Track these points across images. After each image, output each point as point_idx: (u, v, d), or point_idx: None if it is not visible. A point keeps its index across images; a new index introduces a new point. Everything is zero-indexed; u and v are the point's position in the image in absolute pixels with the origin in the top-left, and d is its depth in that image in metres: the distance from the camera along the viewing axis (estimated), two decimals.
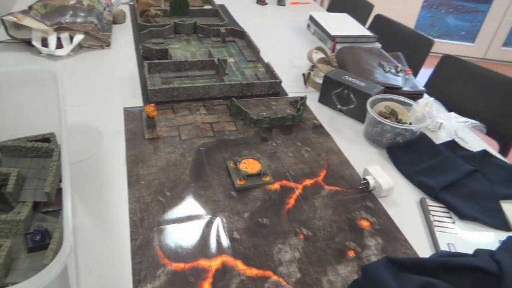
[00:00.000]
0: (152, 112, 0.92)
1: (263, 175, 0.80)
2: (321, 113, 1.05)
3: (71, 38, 1.19)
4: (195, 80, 1.12)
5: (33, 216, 0.58)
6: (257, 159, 0.83)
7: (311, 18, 1.60)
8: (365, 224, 0.73)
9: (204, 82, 1.10)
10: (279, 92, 1.12)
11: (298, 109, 1.02)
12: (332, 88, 1.05)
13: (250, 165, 0.81)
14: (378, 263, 0.57)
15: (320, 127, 0.99)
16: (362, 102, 0.98)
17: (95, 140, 0.85)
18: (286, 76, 1.22)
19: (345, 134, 0.98)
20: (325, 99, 1.08)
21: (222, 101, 1.04)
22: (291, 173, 0.83)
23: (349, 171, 0.86)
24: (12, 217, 0.53)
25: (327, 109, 1.08)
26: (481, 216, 0.76)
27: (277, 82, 1.10)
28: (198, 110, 0.99)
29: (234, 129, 0.94)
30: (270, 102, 1.07)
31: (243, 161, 0.82)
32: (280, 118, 0.97)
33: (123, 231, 0.66)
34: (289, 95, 1.12)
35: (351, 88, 1.01)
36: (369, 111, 0.91)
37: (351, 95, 1.02)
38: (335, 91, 1.05)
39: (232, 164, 0.82)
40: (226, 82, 1.05)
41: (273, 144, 0.91)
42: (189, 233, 0.67)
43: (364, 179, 0.80)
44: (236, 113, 1.00)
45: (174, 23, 1.39)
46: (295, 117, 0.98)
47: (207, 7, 1.63)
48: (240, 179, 0.78)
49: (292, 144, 0.91)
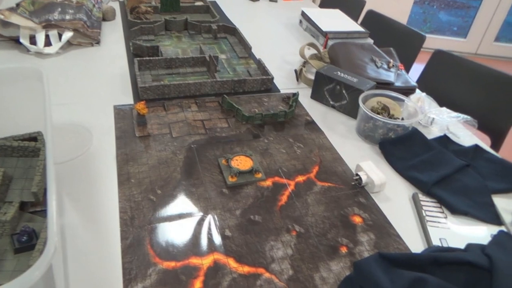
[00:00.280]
0: (143, 110, 0.91)
1: (255, 172, 0.79)
2: (314, 109, 1.05)
3: (60, 36, 1.17)
4: (187, 77, 1.11)
5: (20, 217, 0.57)
6: (249, 156, 0.82)
7: (303, 14, 1.59)
8: (358, 220, 0.73)
9: (196, 79, 1.09)
10: (271, 89, 1.11)
11: (290, 106, 1.01)
12: (324, 84, 1.05)
13: (242, 162, 0.81)
14: (370, 259, 0.57)
15: (313, 123, 0.99)
16: (354, 98, 0.98)
17: (85, 139, 0.84)
18: (278, 73, 1.21)
19: (338, 130, 0.98)
20: (317, 95, 1.08)
21: (214, 98, 1.03)
22: (283, 170, 0.82)
23: (342, 167, 0.85)
24: None
25: (320, 105, 1.07)
26: (473, 211, 0.76)
27: (269, 79, 1.10)
28: (190, 107, 0.98)
29: (226, 126, 0.93)
30: (262, 99, 1.06)
31: (235, 158, 0.82)
32: (272, 115, 0.97)
33: (113, 230, 0.65)
34: (281, 92, 1.11)
35: (343, 84, 1.01)
36: (361, 107, 0.91)
37: (343, 91, 1.01)
38: (327, 87, 1.04)
39: (224, 161, 0.81)
40: (218, 79, 1.05)
41: (265, 141, 0.90)
42: (181, 231, 0.66)
43: (357, 175, 0.80)
44: (228, 110, 0.99)
45: (165, 20, 1.37)
46: (287, 114, 0.98)
47: (198, 4, 1.62)
48: (232, 176, 0.77)
49: (284, 141, 0.91)
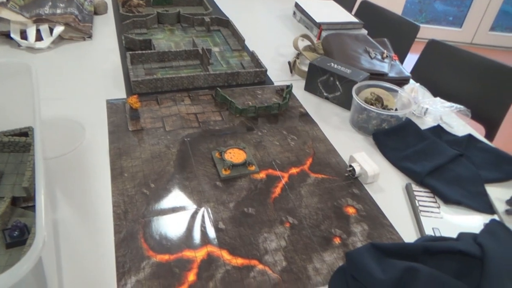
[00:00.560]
0: (135, 104, 0.90)
1: (249, 165, 0.79)
2: (307, 101, 1.05)
3: (51, 30, 1.16)
4: (179, 71, 1.10)
5: (12, 212, 0.57)
6: (242, 149, 0.82)
7: (297, 6, 1.58)
8: (351, 211, 0.73)
9: (189, 72, 1.09)
10: (265, 81, 1.11)
11: (284, 98, 1.01)
12: (318, 76, 1.04)
13: (236, 155, 0.81)
14: (362, 249, 0.57)
15: (306, 115, 0.99)
16: (348, 89, 0.98)
17: (78, 134, 0.84)
18: (272, 65, 1.21)
19: (332, 122, 0.98)
20: (311, 87, 1.08)
21: (207, 91, 1.03)
22: (277, 162, 0.82)
23: (335, 159, 0.85)
24: None
25: (313, 97, 1.07)
26: (466, 200, 0.77)
27: (263, 71, 1.09)
28: (183, 101, 0.98)
29: (220, 119, 0.93)
30: (256, 91, 1.06)
31: (228, 151, 0.81)
32: (266, 107, 0.96)
33: (107, 224, 0.65)
34: (275, 84, 1.11)
35: (337, 75, 1.00)
36: (355, 98, 0.91)
37: (337, 82, 1.01)
38: (321, 79, 1.04)
39: (217, 154, 0.81)
40: (211, 72, 1.04)
41: (259, 133, 0.90)
42: (174, 225, 0.66)
43: (350, 166, 0.80)
44: (222, 103, 0.99)
45: (157, 13, 1.36)
46: (281, 106, 0.97)
47: None
48: (225, 169, 0.77)
49: (278, 133, 0.91)
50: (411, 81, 1.12)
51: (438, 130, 0.96)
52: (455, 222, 0.73)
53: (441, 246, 0.56)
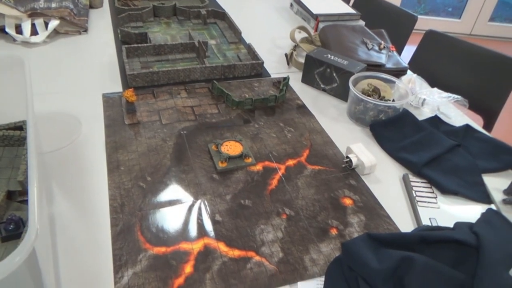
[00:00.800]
0: (131, 97, 0.90)
1: (245, 157, 0.79)
2: (304, 93, 1.04)
3: (46, 24, 1.15)
4: (176, 64, 1.10)
5: (8, 206, 0.57)
6: (239, 141, 0.82)
7: None
8: (348, 202, 0.73)
9: (185, 65, 1.08)
10: (262, 73, 1.10)
11: (281, 90, 1.00)
12: (315, 67, 1.04)
13: (232, 147, 0.80)
14: (358, 239, 0.57)
15: (303, 107, 0.98)
16: (345, 81, 0.98)
17: (74, 128, 0.84)
18: (269, 57, 1.20)
19: (329, 113, 0.97)
20: (308, 79, 1.07)
21: (204, 84, 1.03)
22: (274, 154, 0.82)
23: (332, 150, 0.85)
24: None
25: (310, 89, 1.07)
26: (463, 190, 0.77)
27: (259, 63, 1.09)
28: (179, 94, 0.98)
29: (216, 112, 0.93)
30: (253, 84, 1.05)
31: (225, 144, 0.81)
32: (263, 99, 0.96)
33: (104, 218, 0.65)
34: (272, 76, 1.10)
35: (333, 67, 1.00)
36: (352, 89, 0.90)
37: (334, 74, 1.01)
38: (318, 70, 1.04)
39: (214, 147, 0.81)
40: (207, 65, 1.04)
41: (256, 126, 0.90)
42: (171, 217, 0.66)
43: (347, 157, 0.80)
44: (218, 96, 0.98)
45: (153, 6, 1.35)
46: (278, 98, 0.97)
47: None
48: (222, 162, 0.77)
49: (275, 125, 0.91)
50: (409, 72, 1.12)
51: (436, 121, 0.96)
52: (452, 212, 0.73)
53: (437, 236, 0.56)
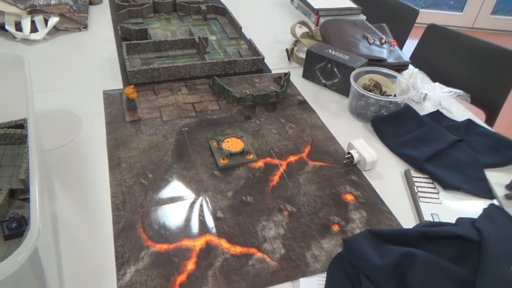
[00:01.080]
0: (132, 94, 0.90)
1: (247, 153, 0.79)
2: (306, 89, 1.04)
3: (46, 21, 1.15)
4: (176, 60, 1.09)
5: (10, 204, 0.57)
6: (240, 138, 0.82)
7: None
8: (350, 198, 0.73)
9: (185, 62, 1.08)
10: (262, 69, 1.10)
11: (282, 86, 1.00)
12: (316, 63, 1.03)
13: (233, 144, 0.80)
14: (360, 236, 0.57)
15: (305, 103, 0.98)
16: (346, 76, 0.97)
17: (75, 125, 0.84)
18: (270, 52, 1.20)
19: (330, 109, 0.97)
20: (309, 74, 1.07)
21: (204, 80, 1.02)
22: (275, 150, 0.82)
23: (334, 146, 0.85)
24: None
25: (312, 84, 1.06)
26: (465, 185, 0.77)
27: (260, 59, 1.08)
28: (180, 90, 0.97)
29: (217, 108, 0.93)
30: (254, 80, 1.05)
31: (226, 140, 0.81)
32: (264, 95, 0.96)
33: (105, 215, 0.65)
34: (273, 72, 1.10)
35: (334, 62, 0.99)
36: (353, 85, 0.90)
37: (335, 69, 1.00)
38: (319, 66, 1.03)
39: (215, 144, 0.81)
40: (208, 61, 1.03)
41: (257, 122, 0.90)
42: (173, 214, 0.66)
43: (348, 153, 0.80)
44: (219, 92, 0.98)
45: (153, 2, 1.34)
46: (279, 94, 0.97)
47: None
48: (223, 158, 0.77)
49: (276, 121, 0.90)
50: (410, 67, 1.11)
51: (437, 116, 0.95)
52: (454, 208, 0.73)
53: (439, 231, 0.56)
